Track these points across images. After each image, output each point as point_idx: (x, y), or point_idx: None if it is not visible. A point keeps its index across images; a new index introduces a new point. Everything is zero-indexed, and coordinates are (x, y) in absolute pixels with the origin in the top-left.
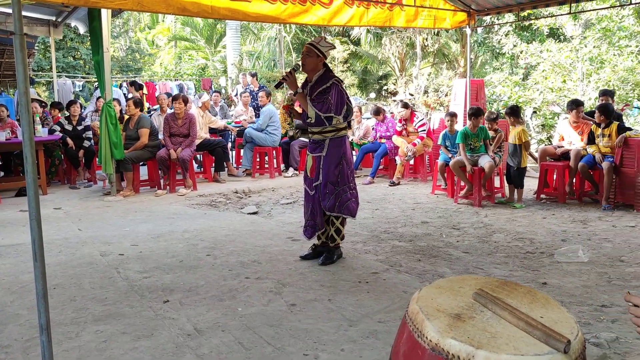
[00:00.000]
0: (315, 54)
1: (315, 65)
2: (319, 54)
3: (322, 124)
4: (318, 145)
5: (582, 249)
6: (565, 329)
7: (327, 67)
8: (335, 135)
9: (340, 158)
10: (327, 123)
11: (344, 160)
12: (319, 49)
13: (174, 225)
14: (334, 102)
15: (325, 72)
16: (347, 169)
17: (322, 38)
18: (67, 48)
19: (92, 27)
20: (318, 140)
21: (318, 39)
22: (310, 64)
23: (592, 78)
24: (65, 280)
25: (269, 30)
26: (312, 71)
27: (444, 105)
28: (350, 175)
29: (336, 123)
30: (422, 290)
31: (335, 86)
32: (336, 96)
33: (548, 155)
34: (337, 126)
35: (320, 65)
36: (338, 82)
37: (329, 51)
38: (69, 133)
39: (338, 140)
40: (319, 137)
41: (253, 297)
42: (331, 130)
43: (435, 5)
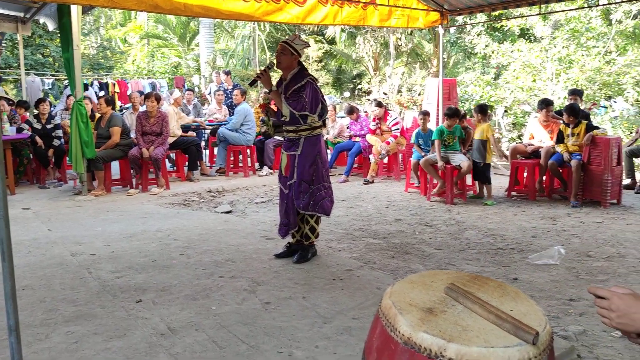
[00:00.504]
0: (290, 52)
1: (289, 64)
2: (293, 52)
3: (297, 123)
4: (293, 144)
5: (559, 252)
6: (534, 322)
7: (301, 66)
8: (310, 134)
9: (315, 157)
10: (302, 121)
11: (319, 159)
12: (293, 47)
13: (146, 225)
14: (309, 100)
15: (300, 70)
16: (322, 167)
17: (296, 36)
18: (35, 45)
19: (62, 23)
20: (293, 139)
21: (292, 37)
22: (285, 62)
23: (561, 78)
24: (34, 282)
25: (243, 29)
26: (287, 69)
27: (417, 105)
28: (325, 174)
29: (311, 122)
30: (395, 285)
31: (310, 85)
32: (311, 95)
33: (518, 153)
34: (312, 125)
35: (294, 64)
36: (313, 80)
37: (303, 49)
38: (38, 132)
39: (313, 139)
40: (294, 135)
41: (227, 295)
42: (306, 128)
43: (409, 5)
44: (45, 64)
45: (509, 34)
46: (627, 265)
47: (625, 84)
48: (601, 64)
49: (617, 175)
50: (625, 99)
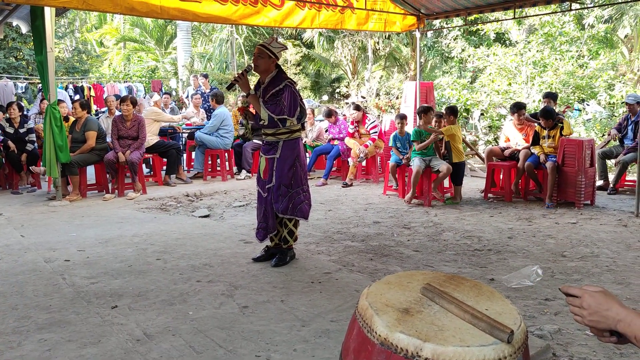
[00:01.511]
0: (267, 55)
1: (267, 67)
2: (271, 55)
3: (276, 126)
4: (272, 147)
5: (536, 272)
6: (509, 320)
7: (279, 69)
8: (289, 137)
9: (294, 160)
10: (281, 125)
11: (298, 162)
12: (271, 50)
13: (122, 230)
14: (287, 104)
15: (278, 73)
16: (300, 171)
17: (273, 39)
18: (8, 48)
19: (35, 26)
20: (271, 142)
21: (269, 40)
22: (262, 66)
23: (535, 81)
24: (6, 289)
25: (220, 32)
26: (265, 72)
27: (395, 108)
28: (303, 178)
29: (290, 125)
30: (372, 286)
31: (289, 88)
32: (289, 98)
33: (494, 155)
34: (290, 128)
35: (272, 67)
36: (291, 83)
37: (280, 52)
38: (11, 136)
39: (292, 142)
40: (273, 138)
41: (204, 300)
42: (285, 132)
43: (386, 9)
44: (18, 68)
45: (484, 38)
46: (601, 265)
47: (597, 87)
48: (574, 67)
49: (591, 176)
50: (598, 102)
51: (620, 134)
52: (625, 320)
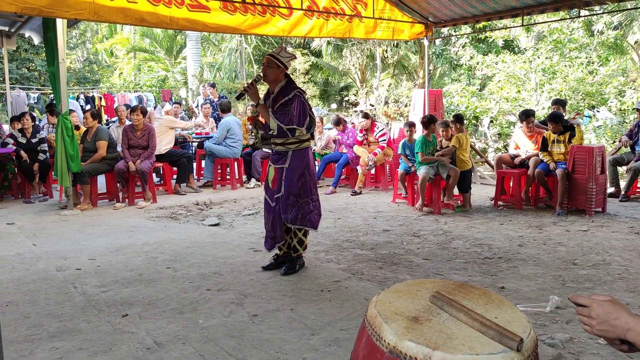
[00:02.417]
0: (276, 64)
1: (276, 76)
2: (280, 65)
3: (285, 136)
4: (281, 157)
5: (552, 302)
6: (518, 328)
7: (289, 78)
8: (298, 147)
9: (303, 170)
10: (290, 135)
11: (307, 172)
12: (279, 59)
13: (133, 239)
14: (297, 113)
15: (287, 83)
16: (309, 180)
17: (282, 48)
18: (21, 59)
19: (47, 37)
20: (281, 152)
21: (278, 49)
22: (272, 75)
23: (545, 88)
24: (18, 297)
25: (229, 42)
26: (274, 82)
27: (403, 116)
28: (313, 187)
29: (299, 135)
30: (381, 294)
31: (298, 98)
32: (298, 108)
33: (504, 163)
34: (300, 138)
35: (281, 76)
36: (300, 93)
37: (290, 61)
38: (23, 146)
39: (301, 152)
40: (282, 148)
41: (214, 309)
42: (294, 141)
43: (394, 17)
44: (30, 78)
45: (493, 45)
46: (613, 273)
47: (607, 94)
48: (584, 74)
49: (602, 183)
50: (609, 108)
51: (631, 140)
52: (635, 329)
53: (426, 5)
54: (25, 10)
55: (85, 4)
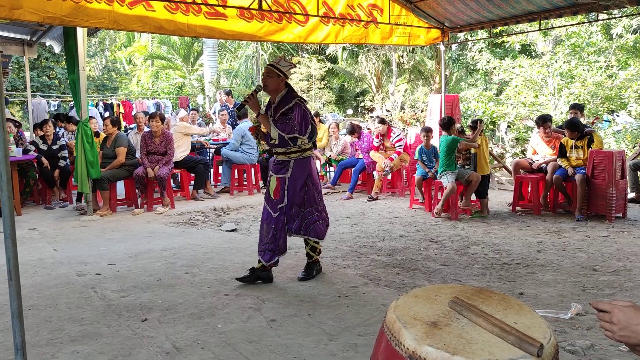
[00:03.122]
0: (276, 74)
1: (276, 86)
2: (280, 74)
3: (287, 145)
4: (283, 166)
5: (573, 308)
6: (538, 334)
7: (289, 87)
8: (300, 156)
9: (305, 179)
10: (292, 144)
11: (310, 181)
12: (279, 69)
13: (151, 244)
14: (298, 122)
15: (288, 92)
16: (313, 190)
17: (281, 57)
18: (41, 67)
19: (68, 45)
20: (282, 161)
21: (278, 59)
22: (272, 85)
23: (563, 92)
24: (40, 301)
25: (246, 49)
26: (274, 92)
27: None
28: (317, 197)
29: (301, 144)
30: (399, 299)
31: (299, 106)
32: (300, 116)
33: (522, 168)
34: (301, 147)
35: (282, 86)
36: (301, 102)
37: (289, 70)
38: (44, 153)
39: (303, 161)
40: (284, 157)
41: (232, 313)
42: (296, 150)
43: (410, 23)
44: (51, 86)
45: (510, 50)
46: (634, 279)
47: (627, 98)
48: (603, 78)
49: (622, 188)
50: (628, 112)
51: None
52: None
53: (442, 10)
54: (47, 19)
55: (105, 12)
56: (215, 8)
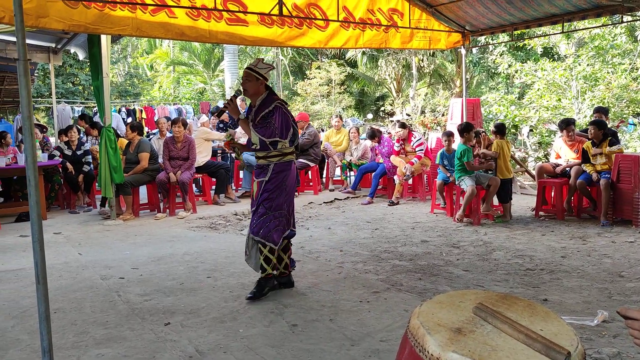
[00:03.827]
0: (255, 77)
1: (256, 89)
2: (259, 77)
3: (267, 149)
4: (262, 170)
5: (598, 315)
6: (565, 341)
7: (270, 90)
8: (280, 160)
9: (280, 183)
10: (272, 148)
11: (284, 185)
12: (258, 71)
13: (174, 248)
14: (278, 125)
15: (268, 95)
16: (285, 195)
17: (259, 60)
18: (66, 74)
19: (92, 52)
20: (262, 165)
21: (255, 62)
22: (252, 88)
23: (586, 96)
24: (66, 305)
25: (266, 54)
26: (255, 95)
27: (440, 125)
28: (284, 203)
29: (282, 147)
30: (423, 305)
31: (279, 109)
32: (280, 119)
33: (545, 172)
34: (282, 150)
35: (262, 89)
36: (282, 104)
37: (268, 72)
38: (69, 158)
39: (282, 165)
40: (264, 161)
41: (254, 318)
42: (276, 154)
43: (430, 27)
44: (75, 92)
45: (531, 53)
46: None
47: None
48: (628, 80)
49: None
50: None
51: None
52: None
53: (463, 14)
54: (72, 27)
55: (128, 20)
56: (236, 14)
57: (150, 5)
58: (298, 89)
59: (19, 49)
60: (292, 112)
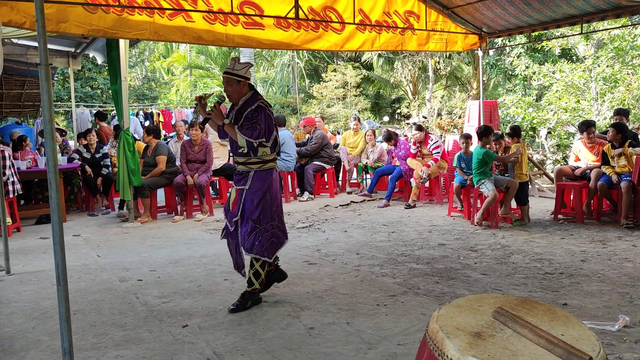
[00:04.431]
0: (235, 80)
1: (239, 91)
2: (239, 79)
3: (247, 155)
4: (242, 177)
5: (620, 320)
6: (587, 347)
7: (253, 90)
8: (260, 168)
9: (264, 192)
10: (253, 154)
11: (269, 194)
12: (236, 74)
13: (191, 251)
14: (264, 126)
15: (252, 95)
16: (271, 204)
17: (235, 61)
18: (84, 78)
19: (110, 56)
20: (242, 172)
21: (232, 64)
22: (235, 93)
23: (606, 97)
24: (85, 306)
25: (282, 57)
26: (239, 98)
27: (457, 128)
28: (274, 212)
29: (262, 154)
30: (442, 309)
31: (263, 110)
32: (265, 121)
33: (564, 175)
34: (263, 157)
35: (245, 89)
36: (266, 105)
37: (248, 70)
38: (88, 161)
39: (264, 173)
40: (244, 168)
41: (271, 321)
42: (256, 161)
43: (447, 29)
44: (93, 96)
45: (549, 54)
46: None
47: None
48: None
49: None
50: None
51: None
52: None
53: (480, 16)
54: (91, 32)
55: (146, 24)
56: (252, 18)
57: (168, 10)
58: (314, 92)
59: (41, 54)
60: (307, 115)
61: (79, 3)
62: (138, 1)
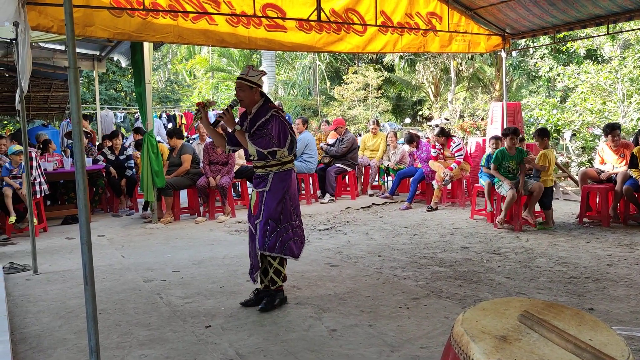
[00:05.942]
0: (248, 86)
1: (251, 98)
2: (252, 85)
3: (265, 158)
4: (262, 180)
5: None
6: (616, 352)
7: (265, 97)
8: (279, 169)
9: (283, 193)
10: (271, 157)
11: (288, 195)
12: (249, 80)
13: (214, 252)
14: (276, 134)
15: (264, 103)
16: (290, 205)
17: (249, 68)
18: (109, 81)
19: (135, 60)
20: (262, 175)
21: (245, 70)
22: (247, 98)
23: (633, 99)
24: (110, 306)
25: (303, 59)
26: (251, 104)
27: (480, 130)
28: (293, 212)
29: (280, 156)
30: (467, 312)
31: (276, 118)
32: (277, 128)
33: (589, 178)
34: (281, 159)
35: (257, 96)
36: (278, 112)
37: (261, 78)
38: (112, 162)
39: (283, 174)
40: (263, 171)
41: (293, 322)
42: (275, 164)
43: (469, 30)
44: (117, 99)
45: (574, 55)
46: None
47: None
48: None
49: None
50: None
51: None
52: None
53: (503, 17)
54: (116, 35)
55: (170, 27)
56: (275, 20)
57: (192, 13)
58: (335, 94)
59: (70, 57)
60: (328, 117)
61: (105, 7)
62: (162, 5)
